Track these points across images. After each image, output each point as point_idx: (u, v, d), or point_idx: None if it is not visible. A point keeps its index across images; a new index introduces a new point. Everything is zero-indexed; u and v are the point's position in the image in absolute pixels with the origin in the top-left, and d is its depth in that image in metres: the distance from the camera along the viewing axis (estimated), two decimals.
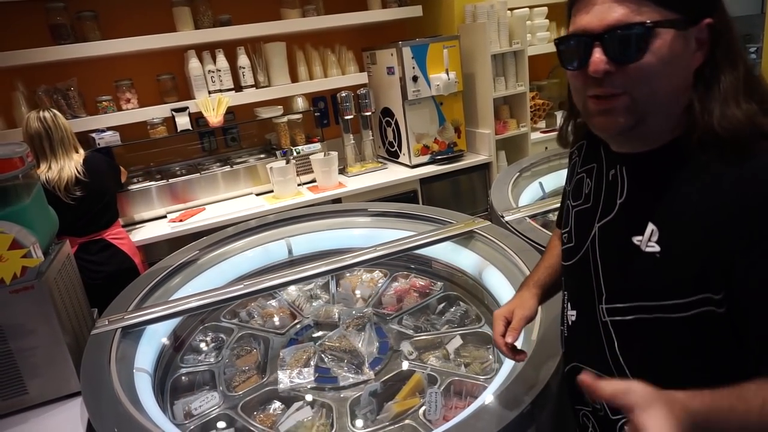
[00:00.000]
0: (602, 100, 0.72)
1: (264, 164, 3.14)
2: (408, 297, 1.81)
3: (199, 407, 1.39)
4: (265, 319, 1.78)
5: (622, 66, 0.69)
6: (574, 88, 0.78)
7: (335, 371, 1.47)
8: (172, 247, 2.35)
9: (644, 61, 0.68)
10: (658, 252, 0.72)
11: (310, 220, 2.19)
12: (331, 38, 3.50)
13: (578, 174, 0.92)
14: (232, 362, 1.58)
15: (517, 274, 1.54)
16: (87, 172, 2.33)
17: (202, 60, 3.05)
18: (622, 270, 0.78)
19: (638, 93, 0.70)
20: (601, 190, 0.84)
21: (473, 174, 3.43)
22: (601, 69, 0.69)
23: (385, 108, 3.43)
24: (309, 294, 1.93)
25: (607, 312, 0.81)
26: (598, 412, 0.89)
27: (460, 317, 1.65)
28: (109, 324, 1.46)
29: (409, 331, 1.61)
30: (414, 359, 1.49)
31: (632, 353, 0.79)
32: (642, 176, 0.77)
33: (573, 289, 0.93)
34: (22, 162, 1.39)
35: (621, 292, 0.79)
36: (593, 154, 0.88)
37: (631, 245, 0.76)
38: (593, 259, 0.84)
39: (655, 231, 0.73)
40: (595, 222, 0.84)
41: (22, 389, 1.30)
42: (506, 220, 1.88)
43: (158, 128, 2.96)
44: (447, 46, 3.14)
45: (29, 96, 2.77)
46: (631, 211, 0.78)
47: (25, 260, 1.25)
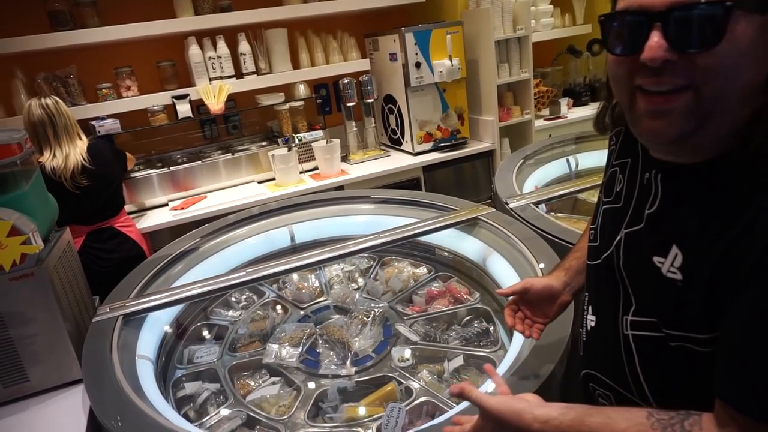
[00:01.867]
0: (658, 98, 0.59)
1: (266, 152, 3.11)
2: (440, 301, 1.68)
3: (200, 357, 1.52)
4: (297, 291, 1.81)
5: (687, 55, 0.56)
6: (617, 78, 0.64)
7: (321, 358, 1.46)
8: (174, 234, 2.34)
9: (718, 50, 0.54)
10: (680, 280, 0.63)
11: (313, 207, 2.17)
12: (333, 24, 3.45)
13: (612, 167, 0.82)
14: (246, 324, 1.65)
15: (521, 260, 1.52)
16: (92, 159, 2.30)
17: (203, 47, 3.01)
18: (645, 286, 0.71)
19: (707, 90, 0.56)
20: (633, 192, 0.74)
21: (476, 161, 3.40)
22: (659, 57, 0.56)
23: (388, 95, 3.40)
24: (347, 275, 1.91)
25: (631, 325, 0.73)
26: None
27: (477, 335, 1.49)
28: (111, 311, 1.46)
29: (416, 338, 1.50)
30: (404, 367, 1.39)
31: (653, 372, 0.72)
32: (677, 190, 0.66)
33: (595, 293, 0.85)
34: (20, 148, 1.38)
35: (644, 308, 0.71)
36: (630, 146, 0.77)
37: (653, 266, 0.67)
38: (617, 267, 0.76)
39: (679, 256, 0.63)
40: (622, 227, 0.75)
41: (23, 377, 1.30)
42: (510, 207, 1.86)
43: (159, 116, 2.94)
44: (450, 32, 3.10)
45: (28, 83, 2.74)
46: (658, 227, 0.68)
47: (25, 247, 1.24)
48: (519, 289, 1.00)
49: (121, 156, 2.62)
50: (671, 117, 0.58)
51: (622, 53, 0.61)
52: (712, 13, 0.53)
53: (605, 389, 0.81)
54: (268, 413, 1.30)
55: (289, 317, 1.71)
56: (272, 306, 1.78)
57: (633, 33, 0.58)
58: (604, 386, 0.81)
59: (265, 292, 1.85)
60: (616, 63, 0.63)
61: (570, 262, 1.02)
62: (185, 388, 1.41)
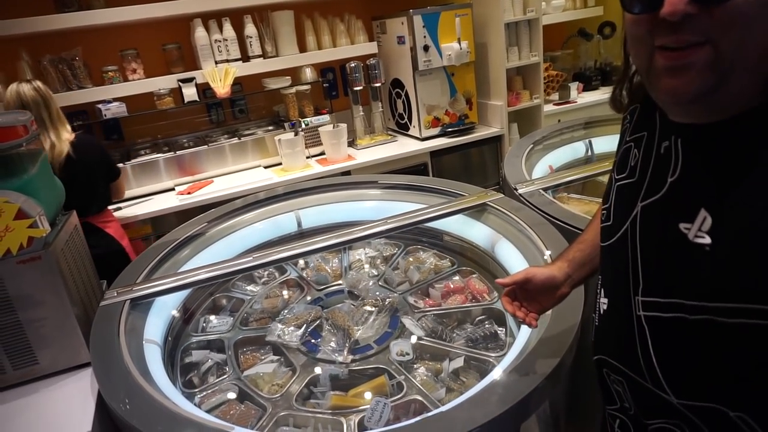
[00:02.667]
0: (677, 53, 0.57)
1: (272, 136, 3.10)
2: (456, 297, 1.61)
3: (213, 327, 1.59)
4: (317, 272, 1.82)
5: (707, 7, 0.54)
6: (636, 39, 0.63)
7: (322, 342, 1.46)
8: (181, 219, 2.33)
9: (737, 1, 0.53)
10: (708, 245, 0.60)
11: (319, 192, 2.16)
12: (340, 7, 3.41)
13: (626, 143, 0.79)
14: (261, 299, 1.69)
15: (530, 246, 1.51)
16: (77, 152, 2.22)
17: (209, 29, 2.98)
18: (664, 260, 0.67)
19: (725, 43, 0.55)
20: (649, 163, 0.72)
21: (484, 147, 3.37)
22: (680, 10, 0.54)
23: (395, 79, 3.36)
24: (370, 261, 1.88)
25: (643, 306, 0.70)
26: (627, 411, 0.81)
27: (484, 337, 1.42)
28: (118, 295, 1.46)
29: (420, 332, 1.45)
30: (402, 362, 1.35)
31: (667, 355, 0.68)
32: (701, 152, 0.64)
33: (607, 275, 0.83)
34: (26, 130, 1.37)
35: (661, 286, 0.68)
36: (646, 120, 0.75)
37: (677, 233, 0.64)
38: (632, 243, 0.73)
39: (708, 219, 0.60)
40: (638, 200, 0.72)
41: (33, 359, 1.30)
42: (520, 193, 1.84)
43: (165, 99, 2.92)
44: (459, 14, 3.05)
45: (34, 65, 2.73)
46: (683, 193, 0.65)
47: (32, 230, 1.23)
48: (520, 279, 0.97)
49: (112, 160, 2.50)
50: (690, 73, 0.57)
51: (642, 11, 0.59)
52: None
53: (618, 375, 0.78)
54: (260, 390, 1.32)
55: (303, 297, 1.72)
56: (291, 285, 1.81)
57: None
58: (617, 371, 0.78)
59: (287, 269, 1.87)
60: (636, 22, 0.61)
61: (573, 254, 0.99)
62: (192, 355, 1.47)
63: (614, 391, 0.81)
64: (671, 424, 0.70)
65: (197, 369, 1.44)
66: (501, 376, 1.04)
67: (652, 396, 0.71)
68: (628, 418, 0.80)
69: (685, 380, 0.66)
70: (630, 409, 0.78)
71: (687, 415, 0.67)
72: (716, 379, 0.62)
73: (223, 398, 1.30)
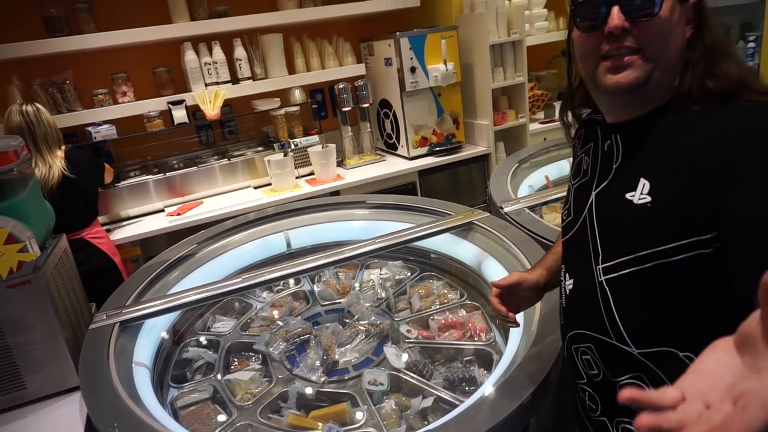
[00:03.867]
0: (618, 58, 0.77)
1: (262, 157, 3.12)
2: (454, 332, 1.53)
3: (217, 327, 1.67)
4: (325, 286, 1.85)
5: (637, 23, 0.75)
6: (585, 53, 0.82)
7: (303, 358, 1.47)
8: (170, 240, 2.34)
9: (658, 18, 0.74)
10: (649, 202, 0.76)
11: (309, 212, 2.18)
12: (328, 29, 3.47)
13: (578, 156, 0.98)
14: (267, 308, 1.75)
15: (516, 265, 1.53)
16: (70, 169, 2.27)
17: (199, 52, 3.02)
18: (616, 227, 0.82)
19: (650, 49, 0.76)
20: (597, 162, 0.90)
21: (472, 165, 3.42)
22: (620, 25, 0.75)
23: (383, 100, 3.41)
24: (381, 282, 1.84)
25: (603, 271, 0.84)
26: (594, 378, 0.91)
27: (461, 380, 1.36)
28: (108, 318, 1.46)
29: (400, 364, 1.39)
30: (372, 390, 1.33)
31: (627, 309, 0.82)
32: (635, 139, 0.82)
33: (571, 259, 0.96)
34: (17, 155, 1.38)
35: (616, 249, 0.82)
36: (590, 135, 0.94)
37: (624, 201, 0.80)
38: (590, 225, 0.88)
39: (647, 184, 0.77)
40: (591, 191, 0.89)
41: (21, 384, 1.30)
42: (505, 212, 1.87)
43: (155, 121, 2.94)
44: (445, 36, 3.12)
45: (24, 89, 2.74)
46: (625, 172, 0.82)
47: (22, 255, 1.24)
48: (513, 282, 1.07)
49: (98, 167, 2.58)
50: (629, 70, 0.77)
51: (591, 29, 0.79)
52: None
53: (586, 342, 0.89)
54: (235, 395, 1.37)
55: (306, 310, 1.76)
56: (299, 296, 1.85)
57: (598, 13, 0.77)
58: (585, 339, 0.89)
59: (302, 280, 1.91)
60: (585, 39, 0.81)
61: (551, 263, 1.10)
62: (188, 352, 1.55)
63: (583, 363, 0.92)
64: (634, 377, 0.81)
65: (190, 365, 1.51)
66: (488, 393, 1.06)
67: (617, 352, 0.83)
68: (594, 387, 0.91)
69: (642, 330, 0.80)
70: (598, 376, 0.89)
71: (647, 365, 0.79)
72: (666, 323, 0.77)
73: (198, 398, 1.36)
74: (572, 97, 0.95)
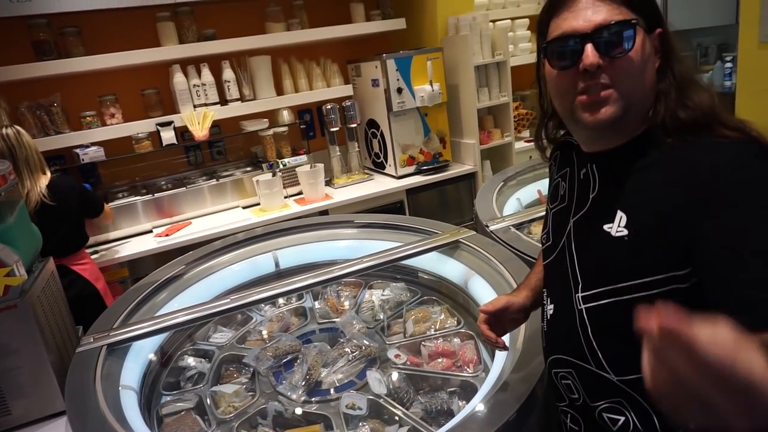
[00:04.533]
0: (593, 95, 0.78)
1: (250, 177, 3.14)
2: (443, 361, 1.48)
3: (216, 338, 1.74)
4: (324, 304, 1.87)
5: (611, 60, 0.76)
6: (561, 91, 0.82)
7: (288, 376, 1.49)
8: (159, 262, 2.33)
9: (630, 55, 0.76)
10: (626, 235, 0.77)
11: (297, 232, 2.19)
12: (315, 51, 3.52)
13: (555, 180, 0.99)
14: (266, 322, 1.79)
15: (502, 282, 1.56)
16: (52, 195, 2.19)
17: (187, 74, 3.05)
18: (595, 257, 0.83)
19: (623, 86, 0.77)
20: (574, 189, 0.91)
21: (459, 184, 3.46)
22: (595, 62, 0.75)
23: (371, 119, 3.46)
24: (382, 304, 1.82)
25: (583, 300, 0.85)
26: (574, 402, 0.92)
27: (438, 411, 1.33)
28: (95, 341, 1.45)
29: (382, 389, 1.36)
30: (350, 414, 1.31)
31: (606, 338, 0.82)
32: (611, 170, 0.83)
33: (551, 284, 0.97)
34: (4, 180, 1.39)
35: (594, 279, 0.83)
36: (566, 159, 0.96)
37: (602, 233, 0.81)
38: (569, 252, 0.89)
39: (624, 217, 0.78)
40: (570, 218, 0.90)
41: (5, 410, 1.29)
42: (491, 230, 1.90)
43: (143, 143, 2.95)
44: (431, 58, 3.18)
45: (11, 112, 2.75)
46: (603, 203, 0.83)
47: (8, 279, 1.24)
48: (501, 306, 1.08)
49: (91, 200, 2.48)
50: (606, 106, 0.78)
51: (565, 67, 0.80)
52: (626, 29, 0.76)
53: (566, 367, 0.90)
54: (217, 407, 1.40)
55: (303, 327, 1.78)
56: (299, 312, 1.87)
57: (572, 51, 0.78)
58: (566, 365, 0.90)
59: (304, 296, 1.93)
60: (560, 77, 0.81)
61: (534, 283, 1.11)
62: (184, 359, 1.61)
63: (564, 387, 0.93)
64: (614, 402, 0.83)
65: (183, 373, 1.56)
66: (475, 410, 1.07)
67: (596, 379, 0.84)
68: (576, 410, 0.92)
69: (621, 358, 0.80)
70: (578, 400, 0.90)
71: (626, 391, 0.80)
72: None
73: (182, 407, 1.39)
74: (546, 124, 0.97)
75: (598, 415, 0.87)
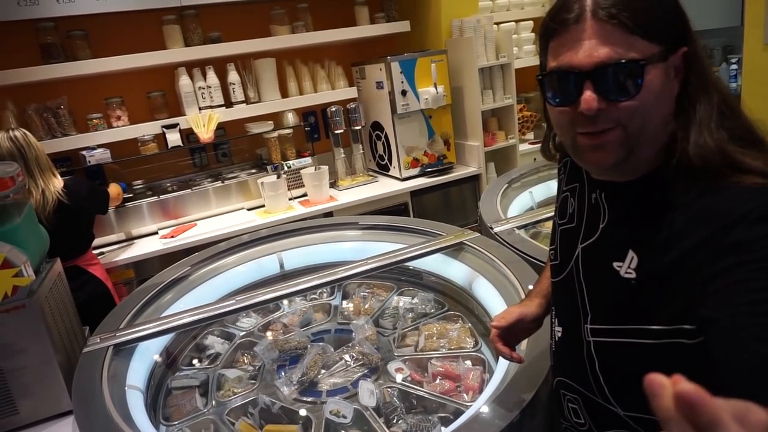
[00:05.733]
0: (595, 136, 0.70)
1: (255, 179, 3.15)
2: (446, 382, 1.41)
3: (243, 322, 1.84)
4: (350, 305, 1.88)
5: (615, 103, 0.67)
6: (560, 125, 0.75)
7: (289, 371, 1.51)
8: (164, 263, 2.35)
9: (638, 96, 0.66)
10: (634, 278, 0.73)
11: (302, 234, 2.20)
12: (320, 54, 3.54)
13: (563, 192, 0.93)
14: (290, 315, 1.87)
15: (506, 284, 1.56)
16: (68, 196, 2.22)
17: (193, 77, 3.07)
18: (604, 294, 0.79)
19: (632, 126, 0.68)
20: (584, 212, 0.85)
21: (463, 186, 3.46)
22: (594, 107, 0.67)
23: (375, 122, 3.46)
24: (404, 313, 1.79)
25: (591, 332, 0.81)
26: (580, 426, 0.89)
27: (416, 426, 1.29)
28: (101, 342, 1.46)
29: (371, 402, 1.34)
30: (333, 421, 1.30)
31: (611, 374, 0.79)
32: (622, 204, 0.77)
33: (560, 306, 0.93)
34: (13, 181, 1.40)
35: (603, 315, 0.79)
36: (576, 173, 0.89)
37: (611, 270, 0.76)
38: (577, 279, 0.85)
39: (635, 258, 0.73)
40: (578, 243, 0.85)
41: (13, 409, 1.30)
42: (495, 232, 1.90)
43: (149, 145, 2.97)
44: (435, 60, 3.19)
45: (19, 115, 2.77)
46: (613, 237, 0.78)
47: (16, 279, 1.25)
48: (514, 320, 1.03)
49: (101, 195, 2.50)
50: (607, 149, 0.70)
51: (562, 105, 0.72)
52: (631, 70, 0.65)
53: (574, 393, 0.88)
54: (220, 389, 1.49)
55: (323, 324, 1.81)
56: (325, 309, 1.91)
57: (569, 88, 0.69)
58: (573, 391, 0.88)
59: (334, 291, 1.98)
60: (560, 113, 0.73)
61: (546, 289, 1.05)
62: (207, 339, 1.74)
63: (569, 409, 0.91)
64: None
65: (204, 351, 1.68)
66: (479, 412, 1.07)
67: (603, 410, 0.81)
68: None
69: (628, 395, 0.77)
70: (584, 425, 0.88)
71: (633, 426, 0.77)
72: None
73: (188, 383, 1.52)
74: (552, 137, 0.92)
75: None
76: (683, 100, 0.70)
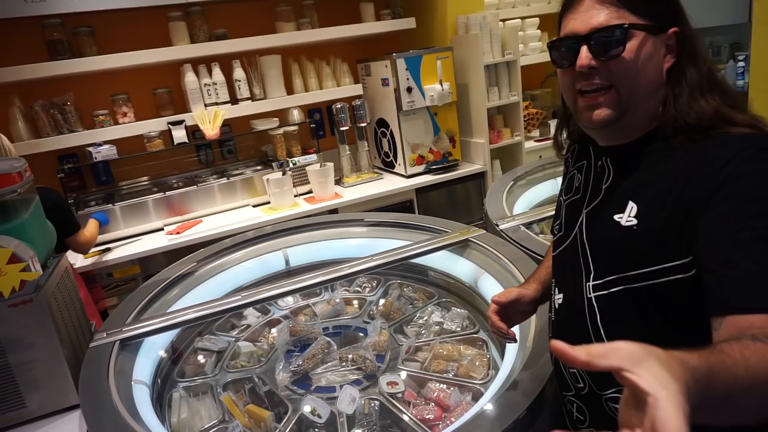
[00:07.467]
0: (590, 96, 0.83)
1: (260, 176, 3.16)
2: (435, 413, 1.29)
3: (285, 301, 1.94)
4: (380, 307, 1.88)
5: (605, 62, 0.80)
6: (565, 87, 0.88)
7: (295, 359, 1.55)
8: (170, 259, 2.35)
9: (622, 57, 0.79)
10: (635, 225, 0.81)
11: (307, 230, 2.20)
12: (326, 50, 3.53)
13: (570, 172, 1.02)
14: (322, 303, 1.94)
15: (512, 281, 1.55)
16: None
17: (198, 73, 3.07)
18: (606, 246, 0.87)
19: (622, 87, 0.81)
20: (590, 180, 0.94)
21: (468, 183, 3.45)
22: (586, 64, 0.81)
23: (380, 119, 3.46)
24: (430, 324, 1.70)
25: (593, 288, 0.88)
26: (580, 391, 0.92)
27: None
28: (108, 336, 1.47)
29: (349, 410, 1.31)
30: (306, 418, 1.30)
31: (613, 326, 0.86)
32: (624, 163, 0.87)
33: (561, 274, 1.00)
34: (21, 177, 1.41)
35: (605, 268, 0.86)
36: (584, 152, 0.99)
37: (613, 222, 0.84)
38: (581, 242, 0.92)
39: (634, 207, 0.82)
40: (583, 209, 0.94)
41: (21, 403, 1.31)
42: (501, 229, 1.90)
43: (155, 141, 2.98)
44: (440, 57, 3.18)
45: (26, 111, 2.78)
46: (615, 193, 0.87)
47: (24, 274, 1.26)
48: (513, 298, 1.10)
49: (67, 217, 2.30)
50: (603, 107, 0.83)
51: (564, 66, 0.86)
52: (616, 33, 0.79)
53: None
54: (233, 359, 1.62)
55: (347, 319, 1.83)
56: (349, 302, 1.95)
57: (569, 51, 0.84)
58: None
59: (375, 288, 2.00)
60: (563, 75, 0.87)
61: (544, 276, 1.13)
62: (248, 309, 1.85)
63: (570, 376, 0.95)
64: (620, 391, 0.79)
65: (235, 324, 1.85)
66: (484, 408, 1.07)
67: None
68: (582, 399, 0.94)
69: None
70: (584, 389, 0.92)
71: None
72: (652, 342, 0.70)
73: (210, 347, 1.68)
74: (567, 119, 1.01)
75: (604, 404, 0.88)
76: (675, 71, 0.82)
